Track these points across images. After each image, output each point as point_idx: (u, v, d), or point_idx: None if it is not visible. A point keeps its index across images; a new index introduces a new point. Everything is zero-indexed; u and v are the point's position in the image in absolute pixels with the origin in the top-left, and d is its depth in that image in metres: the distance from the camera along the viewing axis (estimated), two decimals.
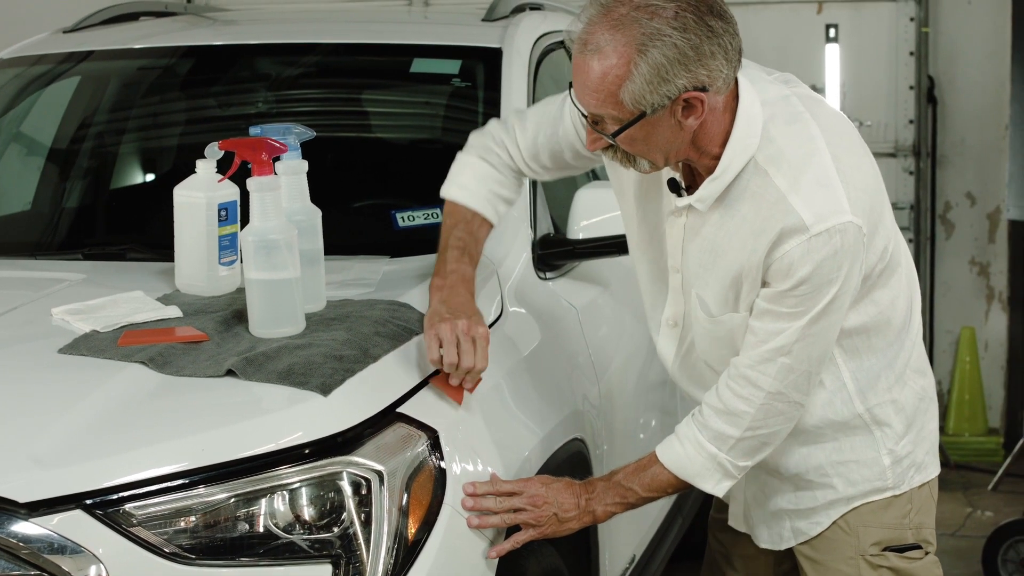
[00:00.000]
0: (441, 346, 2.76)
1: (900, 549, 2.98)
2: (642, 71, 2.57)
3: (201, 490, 2.45)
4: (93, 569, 2.38)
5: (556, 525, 2.86)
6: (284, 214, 2.80)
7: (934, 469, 3.05)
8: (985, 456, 7.05)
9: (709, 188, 2.73)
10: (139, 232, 3.75)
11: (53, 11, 5.73)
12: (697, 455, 2.83)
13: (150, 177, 4.03)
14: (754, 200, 2.71)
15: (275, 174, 2.80)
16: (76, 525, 2.39)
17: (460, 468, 2.73)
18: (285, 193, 2.86)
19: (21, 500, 2.38)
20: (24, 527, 2.37)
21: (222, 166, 3.02)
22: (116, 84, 4.23)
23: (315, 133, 3.04)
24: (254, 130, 2.92)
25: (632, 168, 2.75)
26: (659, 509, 4.27)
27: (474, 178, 3.08)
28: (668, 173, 2.81)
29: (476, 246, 3.03)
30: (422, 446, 2.67)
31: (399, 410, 2.68)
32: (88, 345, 2.74)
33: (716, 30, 2.58)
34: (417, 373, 2.79)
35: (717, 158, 2.71)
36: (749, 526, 3.16)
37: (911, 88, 7.17)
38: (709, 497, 3.11)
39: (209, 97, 4.12)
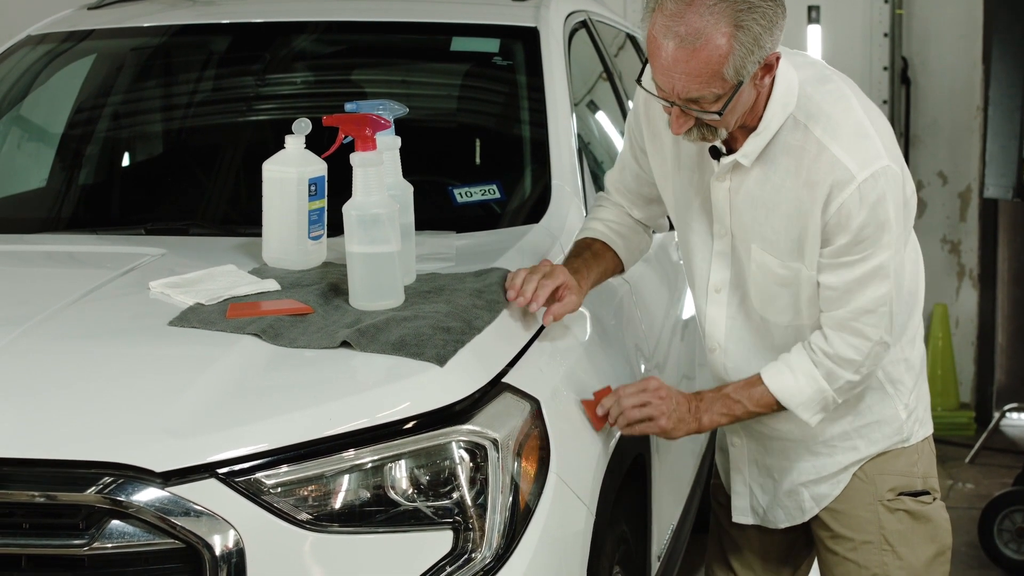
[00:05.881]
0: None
1: (912, 494, 3.16)
2: (743, 43, 2.68)
3: (329, 458, 2.48)
4: (225, 536, 2.41)
5: (671, 423, 2.98)
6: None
7: (930, 426, 3.24)
8: (958, 430, 7.20)
9: (753, 143, 2.88)
10: (197, 208, 3.76)
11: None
12: (808, 387, 2.96)
13: (204, 154, 4.03)
14: (794, 154, 2.86)
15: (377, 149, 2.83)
16: (210, 493, 2.41)
17: (561, 435, 2.79)
18: None
19: (157, 469, 2.40)
20: (160, 495, 2.39)
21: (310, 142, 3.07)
22: (159, 58, 4.23)
23: (408, 109, 3.08)
24: (350, 106, 2.94)
25: (710, 141, 2.87)
26: (687, 481, 4.36)
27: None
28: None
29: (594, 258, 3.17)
30: (527, 414, 2.72)
31: (504, 380, 2.73)
32: (198, 318, 2.76)
33: None
34: (516, 343, 2.85)
35: (758, 119, 2.85)
36: (758, 515, 3.28)
37: (885, 69, 7.28)
38: (711, 464, 3.19)
39: (248, 75, 4.13)
